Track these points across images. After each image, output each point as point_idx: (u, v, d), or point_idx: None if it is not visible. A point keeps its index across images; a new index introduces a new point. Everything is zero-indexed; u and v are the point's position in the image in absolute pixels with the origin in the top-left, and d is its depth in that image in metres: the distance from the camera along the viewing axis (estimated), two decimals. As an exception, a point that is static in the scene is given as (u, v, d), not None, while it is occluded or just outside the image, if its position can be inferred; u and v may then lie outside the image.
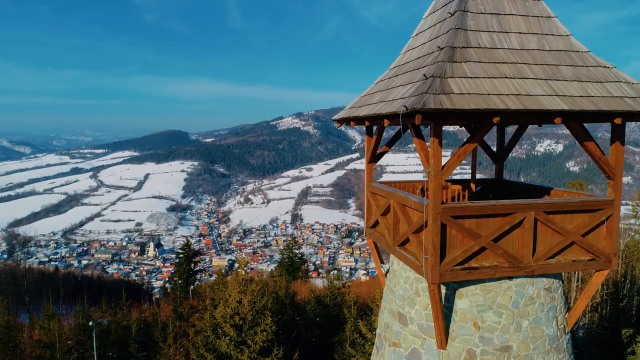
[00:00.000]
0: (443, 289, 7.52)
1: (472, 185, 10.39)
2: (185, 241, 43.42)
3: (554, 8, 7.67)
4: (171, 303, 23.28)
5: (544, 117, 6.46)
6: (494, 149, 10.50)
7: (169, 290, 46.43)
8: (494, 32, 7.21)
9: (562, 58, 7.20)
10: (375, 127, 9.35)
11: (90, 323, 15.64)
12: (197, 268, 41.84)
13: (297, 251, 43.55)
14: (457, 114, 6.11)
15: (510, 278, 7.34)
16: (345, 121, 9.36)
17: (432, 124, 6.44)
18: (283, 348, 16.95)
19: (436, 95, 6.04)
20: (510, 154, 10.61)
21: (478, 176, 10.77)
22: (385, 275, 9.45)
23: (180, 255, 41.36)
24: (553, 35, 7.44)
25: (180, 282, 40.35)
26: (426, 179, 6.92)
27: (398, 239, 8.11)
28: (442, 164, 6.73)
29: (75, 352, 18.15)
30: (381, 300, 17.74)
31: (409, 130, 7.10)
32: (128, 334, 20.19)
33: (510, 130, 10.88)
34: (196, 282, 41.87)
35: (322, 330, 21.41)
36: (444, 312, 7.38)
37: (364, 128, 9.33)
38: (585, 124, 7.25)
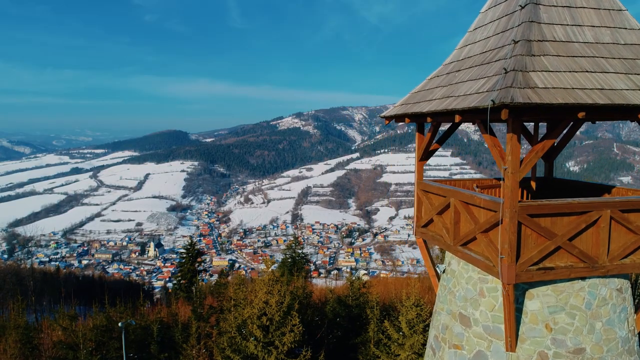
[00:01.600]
0: (511, 290, 7.30)
1: (533, 184, 10.18)
2: (190, 241, 43.17)
3: (624, 1, 7.48)
4: (188, 303, 23.15)
5: (630, 112, 6.27)
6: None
7: (170, 291, 46.20)
8: (568, 25, 7.01)
9: (637, 52, 7.01)
10: (430, 125, 9.14)
11: (120, 324, 15.41)
12: (201, 268, 41.63)
13: (299, 251, 43.14)
14: (544, 109, 5.92)
15: (583, 278, 7.14)
16: (398, 118, 9.16)
17: (511, 119, 6.23)
18: (309, 349, 16.73)
19: (522, 89, 5.85)
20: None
21: (478, 176, 10.53)
22: (438, 275, 9.25)
23: (184, 255, 41.11)
24: (626, 28, 7.25)
25: (183, 282, 40.11)
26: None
27: (460, 238, 7.90)
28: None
29: (98, 354, 17.93)
30: (407, 300, 17.60)
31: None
32: (148, 334, 19.98)
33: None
34: (199, 282, 41.63)
35: (343, 330, 21.19)
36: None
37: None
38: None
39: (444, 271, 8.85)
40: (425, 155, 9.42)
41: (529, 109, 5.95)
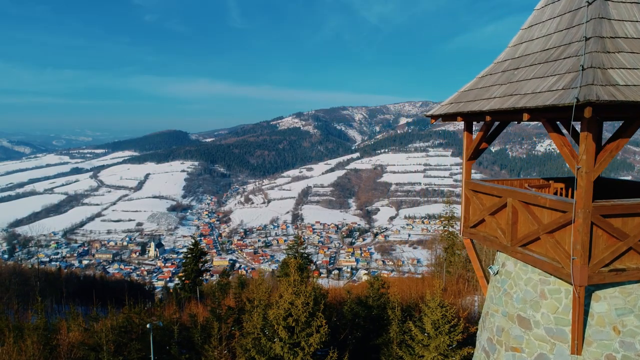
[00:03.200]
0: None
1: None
2: (193, 241, 42.94)
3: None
4: (209, 304, 22.98)
5: None
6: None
7: (171, 291, 46.01)
8: (637, 21, 6.87)
9: None
10: (481, 124, 8.99)
11: (148, 325, 15.25)
12: (203, 268, 41.43)
13: (302, 251, 42.88)
14: (628, 107, 5.79)
15: (652, 280, 7.00)
16: (448, 117, 9.00)
17: (586, 117, 6.09)
18: (335, 350, 16.57)
19: (604, 86, 5.72)
20: (511, 154, 10.20)
21: (478, 176, 10.39)
22: (488, 277, 9.10)
23: (188, 255, 40.91)
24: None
25: (187, 281, 39.91)
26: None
27: (520, 239, 7.76)
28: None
29: (120, 356, 17.75)
30: (432, 301, 17.45)
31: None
32: (168, 335, 19.82)
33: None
34: (202, 282, 41.40)
35: (363, 331, 21.04)
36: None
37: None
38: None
39: (496, 272, 8.71)
40: (475, 154, 9.28)
41: (610, 107, 5.82)
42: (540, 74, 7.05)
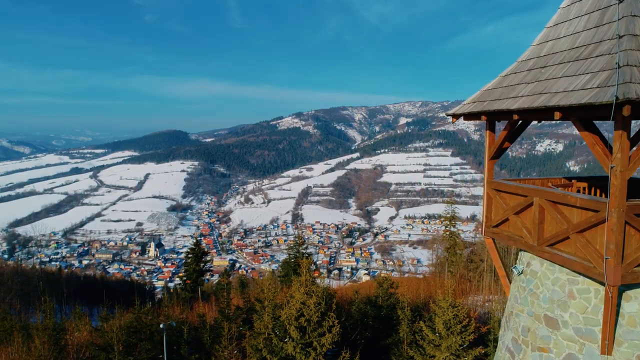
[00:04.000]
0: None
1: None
2: (194, 241, 42.82)
3: None
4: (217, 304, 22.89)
5: None
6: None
7: (171, 291, 45.91)
8: (669, 19, 6.83)
9: None
10: (505, 123, 8.94)
11: (161, 325, 15.19)
12: (205, 268, 41.31)
13: (303, 251, 42.71)
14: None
15: (684, 280, 6.95)
16: (471, 116, 8.96)
17: (621, 116, 6.05)
18: (348, 350, 16.52)
19: (642, 84, 5.67)
20: (511, 153, 10.15)
21: (478, 176, 10.33)
22: (510, 277, 9.05)
23: (190, 255, 40.78)
24: None
25: (188, 281, 39.82)
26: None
27: (547, 238, 7.72)
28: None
29: (130, 356, 17.69)
30: (444, 301, 17.40)
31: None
32: (177, 335, 19.76)
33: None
34: (204, 282, 41.27)
35: (372, 331, 20.99)
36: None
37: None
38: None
39: (521, 272, 8.66)
40: (497, 153, 9.24)
41: (649, 105, 5.77)
42: (571, 72, 7.01)
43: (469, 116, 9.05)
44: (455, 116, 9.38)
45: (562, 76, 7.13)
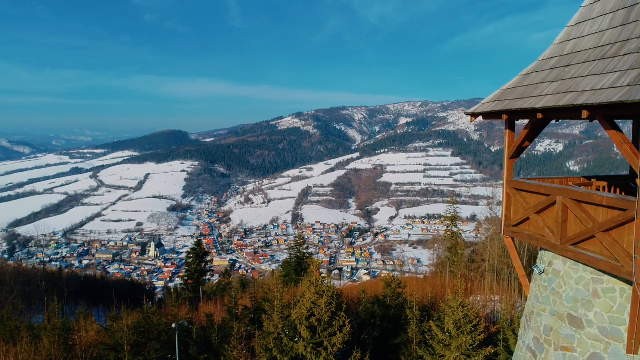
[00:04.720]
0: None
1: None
2: (196, 241, 42.72)
3: None
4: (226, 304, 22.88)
5: None
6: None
7: (172, 291, 45.84)
8: (696, 18, 6.82)
9: None
10: (526, 122, 8.91)
11: (174, 325, 15.16)
12: (206, 268, 41.22)
13: (304, 251, 42.56)
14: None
15: None
16: (492, 115, 8.93)
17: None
18: (358, 350, 16.49)
19: (675, 83, 5.65)
20: None
21: (478, 176, 10.29)
22: (531, 276, 9.03)
23: (191, 255, 40.66)
24: None
25: (189, 281, 39.71)
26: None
27: (571, 237, 7.69)
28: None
29: (140, 356, 17.67)
30: (454, 301, 17.37)
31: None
32: (185, 335, 19.72)
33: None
34: (205, 282, 41.16)
35: (381, 331, 20.97)
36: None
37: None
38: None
39: (542, 271, 8.64)
40: (517, 152, 9.22)
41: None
42: (597, 70, 6.99)
43: (489, 115, 9.03)
44: (474, 115, 9.36)
45: (588, 75, 7.11)
